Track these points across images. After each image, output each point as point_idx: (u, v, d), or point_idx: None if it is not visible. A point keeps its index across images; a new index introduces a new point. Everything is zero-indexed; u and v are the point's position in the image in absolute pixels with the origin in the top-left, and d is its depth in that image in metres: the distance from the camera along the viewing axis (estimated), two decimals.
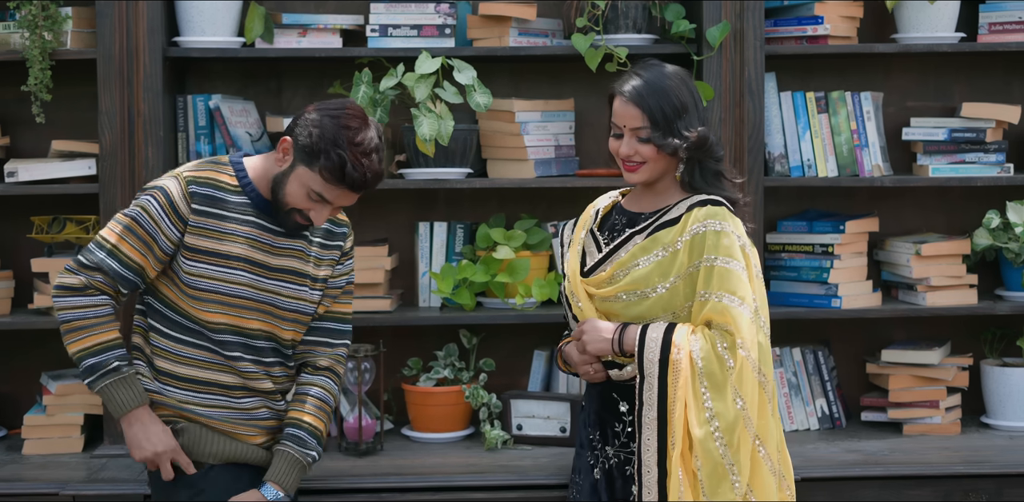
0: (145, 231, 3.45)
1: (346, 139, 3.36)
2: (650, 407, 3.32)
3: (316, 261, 3.59)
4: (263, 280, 3.51)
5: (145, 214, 3.45)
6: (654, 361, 3.32)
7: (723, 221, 3.36)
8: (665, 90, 3.40)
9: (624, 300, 3.41)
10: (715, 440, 3.27)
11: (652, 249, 3.39)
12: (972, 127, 4.44)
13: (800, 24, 4.39)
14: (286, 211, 3.46)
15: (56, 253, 4.37)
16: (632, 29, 4.35)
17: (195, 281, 3.47)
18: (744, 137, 4.28)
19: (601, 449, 3.49)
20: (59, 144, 4.32)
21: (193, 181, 3.47)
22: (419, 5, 4.32)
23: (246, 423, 3.56)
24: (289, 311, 3.56)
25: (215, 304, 3.49)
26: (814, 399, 4.50)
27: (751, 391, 3.30)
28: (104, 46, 4.17)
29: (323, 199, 3.42)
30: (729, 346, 3.30)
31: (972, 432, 4.45)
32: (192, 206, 3.45)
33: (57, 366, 4.46)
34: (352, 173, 3.37)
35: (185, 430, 3.52)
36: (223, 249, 3.47)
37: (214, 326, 3.49)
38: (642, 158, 3.40)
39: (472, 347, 4.46)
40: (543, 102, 4.46)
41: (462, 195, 4.61)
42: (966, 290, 4.47)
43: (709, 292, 3.32)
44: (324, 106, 3.44)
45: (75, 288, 3.45)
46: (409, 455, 4.21)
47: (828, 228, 4.41)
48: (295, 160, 3.42)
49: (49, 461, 4.17)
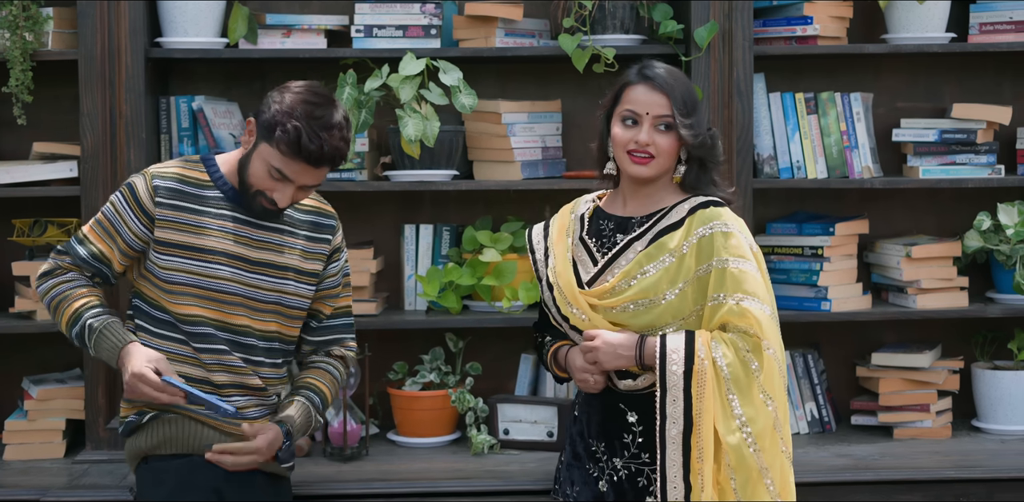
0: (109, 222, 3.52)
1: (304, 112, 3.35)
2: (674, 422, 3.26)
3: (303, 254, 3.57)
4: (244, 274, 3.49)
5: (112, 207, 3.53)
6: (678, 374, 3.26)
7: (729, 222, 3.33)
8: (686, 82, 3.39)
9: (632, 310, 3.35)
10: (749, 447, 3.22)
11: (658, 256, 3.34)
12: (963, 128, 4.42)
13: (789, 24, 4.37)
14: (251, 193, 3.45)
15: (37, 256, 4.34)
16: (619, 29, 4.33)
17: (171, 275, 3.47)
18: (733, 138, 4.25)
19: (607, 461, 3.42)
20: (40, 146, 4.30)
21: (157, 176, 3.50)
22: (404, 5, 4.29)
23: (236, 421, 3.52)
24: (269, 303, 3.53)
25: (193, 298, 3.47)
26: (804, 403, 4.48)
27: (780, 390, 3.27)
28: (86, 47, 4.14)
29: (284, 177, 3.40)
30: (752, 348, 3.25)
31: (963, 436, 4.44)
32: (156, 200, 3.48)
33: (39, 370, 4.44)
34: (308, 145, 3.34)
35: (174, 421, 3.49)
36: (199, 243, 3.47)
37: (194, 319, 3.47)
38: (656, 150, 3.34)
39: (458, 351, 4.44)
40: (530, 103, 4.44)
41: (448, 197, 4.58)
42: (957, 293, 4.45)
43: (725, 294, 3.27)
44: (288, 85, 3.45)
45: (48, 272, 3.55)
46: (395, 460, 4.18)
47: (818, 230, 4.38)
48: (258, 138, 3.42)
49: (30, 467, 4.14)
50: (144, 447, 3.52)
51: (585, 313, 3.39)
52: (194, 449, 3.50)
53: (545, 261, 3.51)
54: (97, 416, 4.17)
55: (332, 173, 4.26)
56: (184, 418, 3.50)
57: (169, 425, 3.51)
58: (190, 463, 3.48)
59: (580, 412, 3.52)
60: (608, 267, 3.40)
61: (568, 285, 3.42)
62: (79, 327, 3.47)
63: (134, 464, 3.58)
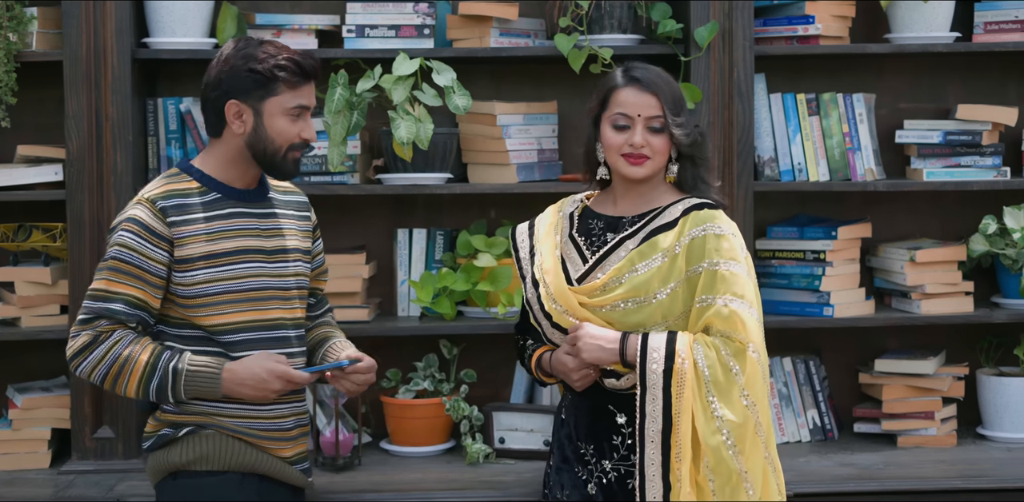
0: (130, 264, 3.35)
1: (265, 52, 3.39)
2: (653, 420, 3.27)
3: (299, 234, 3.56)
4: (267, 265, 3.46)
5: (126, 249, 3.36)
6: (658, 372, 3.27)
7: (722, 224, 3.34)
8: (671, 82, 3.41)
9: (623, 309, 3.35)
10: (728, 449, 3.23)
11: (650, 254, 3.34)
12: (967, 129, 4.37)
13: (790, 24, 4.33)
14: (281, 155, 3.43)
15: (22, 262, 4.30)
16: (617, 29, 4.28)
17: (199, 289, 3.39)
18: (733, 140, 4.21)
19: (596, 463, 3.43)
20: (24, 149, 4.26)
21: (156, 198, 3.40)
22: (397, 5, 4.26)
23: (272, 435, 3.47)
24: (292, 289, 3.52)
25: (226, 305, 3.41)
26: (805, 410, 4.44)
27: (761, 395, 3.27)
28: (71, 47, 4.10)
29: (303, 107, 3.43)
30: (734, 352, 3.25)
31: (968, 444, 4.40)
32: (168, 221, 3.38)
33: (23, 378, 4.40)
34: (304, 62, 3.40)
35: (212, 437, 3.43)
36: (217, 248, 3.40)
37: (228, 327, 3.40)
38: (651, 151, 3.36)
39: (452, 358, 4.39)
40: (525, 105, 4.40)
41: (442, 201, 4.54)
42: (962, 298, 4.40)
43: (713, 296, 3.27)
44: (218, 57, 3.44)
45: (88, 344, 3.35)
46: (388, 470, 4.15)
47: (820, 234, 4.34)
48: (255, 104, 3.39)
49: (15, 478, 4.10)
50: (178, 462, 3.44)
51: (573, 311, 3.38)
52: (230, 466, 3.43)
53: (530, 259, 3.51)
54: (83, 425, 4.13)
55: (323, 176, 4.26)
56: (222, 435, 3.44)
57: (207, 441, 3.44)
58: (226, 480, 3.43)
59: (567, 415, 3.52)
60: (599, 265, 3.41)
61: (557, 282, 3.41)
62: (159, 379, 3.33)
63: (158, 478, 3.50)
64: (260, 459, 3.45)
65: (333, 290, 4.18)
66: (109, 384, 3.35)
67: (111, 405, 4.12)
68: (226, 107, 3.40)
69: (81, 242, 4.09)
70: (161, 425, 3.45)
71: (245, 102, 3.39)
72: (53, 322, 4.20)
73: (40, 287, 4.20)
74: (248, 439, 3.44)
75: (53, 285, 4.20)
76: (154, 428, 3.47)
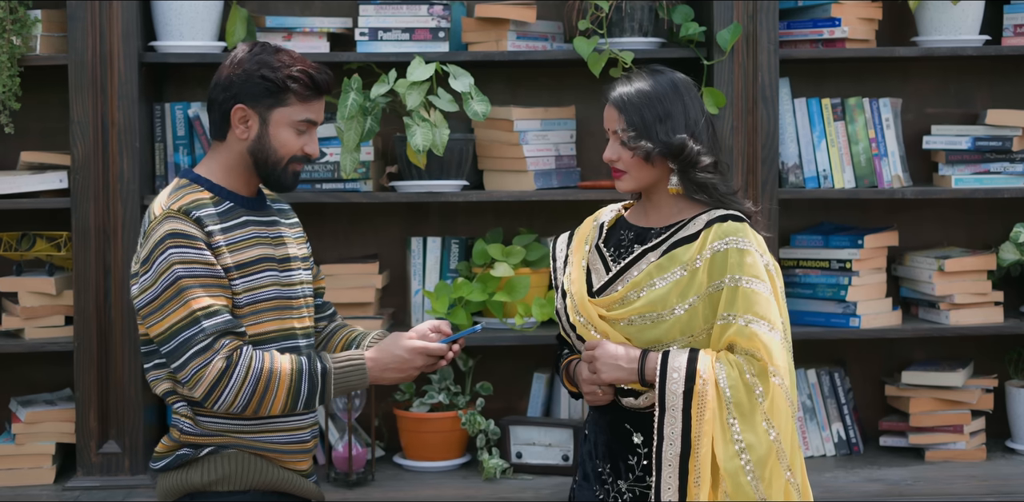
0: (205, 276, 3.21)
1: (280, 60, 3.31)
2: (671, 443, 3.17)
3: (296, 241, 3.48)
4: (280, 274, 3.38)
5: (185, 263, 3.21)
6: (677, 393, 3.17)
7: (745, 238, 3.22)
8: (649, 94, 3.29)
9: (638, 324, 3.26)
10: (747, 474, 3.13)
11: (670, 268, 3.25)
12: (997, 135, 4.29)
13: (816, 26, 4.24)
14: (282, 167, 3.35)
15: (26, 271, 4.24)
16: (638, 32, 4.21)
17: (238, 299, 3.29)
18: (757, 146, 4.13)
19: (613, 483, 3.34)
20: (28, 156, 4.22)
21: (186, 209, 3.28)
22: (411, 7, 4.19)
23: (292, 448, 3.38)
24: (299, 298, 3.42)
25: (256, 315, 3.30)
26: (830, 423, 4.37)
27: (784, 420, 3.16)
28: (76, 51, 4.05)
29: (311, 123, 3.36)
30: (758, 373, 3.15)
31: (998, 458, 4.32)
32: (207, 230, 3.26)
33: (27, 391, 4.35)
34: (318, 77, 3.33)
35: (234, 456, 3.33)
36: (243, 258, 3.31)
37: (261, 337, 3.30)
38: (624, 165, 3.30)
39: (468, 370, 4.33)
40: (543, 110, 4.33)
41: (457, 209, 4.48)
42: (991, 308, 4.32)
43: (735, 314, 3.17)
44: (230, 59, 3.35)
45: (224, 371, 3.19)
46: (402, 485, 4.09)
47: (845, 243, 4.25)
48: (263, 112, 3.32)
49: (18, 494, 4.05)
50: (199, 483, 3.33)
51: (593, 323, 3.30)
52: (252, 485, 3.34)
53: (564, 269, 3.45)
54: (89, 440, 4.07)
55: (336, 183, 4.21)
56: (243, 454, 3.34)
57: (229, 460, 3.33)
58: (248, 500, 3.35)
59: (589, 431, 3.44)
60: (620, 276, 3.32)
61: (579, 292, 3.35)
62: (308, 385, 3.23)
63: (172, 499, 3.38)
64: (281, 476, 3.37)
65: (345, 300, 4.22)
66: (254, 405, 3.21)
67: (117, 419, 4.06)
68: (232, 111, 3.33)
69: (86, 251, 4.03)
70: (177, 446, 3.35)
71: (253, 108, 3.32)
72: (57, 333, 4.14)
73: (44, 297, 4.14)
74: (269, 455, 3.35)
75: (58, 295, 4.14)
76: (169, 448, 3.36)
